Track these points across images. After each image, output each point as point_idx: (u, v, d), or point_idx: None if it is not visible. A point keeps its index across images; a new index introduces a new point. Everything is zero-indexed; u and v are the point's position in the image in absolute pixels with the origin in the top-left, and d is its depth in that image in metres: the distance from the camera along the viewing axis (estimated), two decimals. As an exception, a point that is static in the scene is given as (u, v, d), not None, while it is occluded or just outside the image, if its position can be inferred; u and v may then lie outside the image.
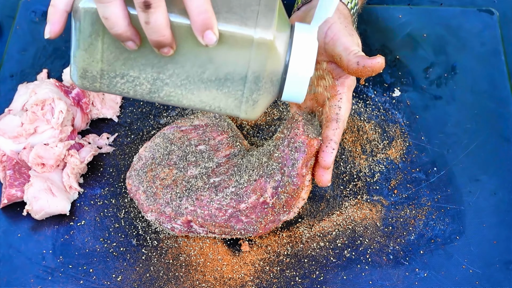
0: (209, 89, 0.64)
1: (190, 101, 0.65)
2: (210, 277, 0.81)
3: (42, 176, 0.87)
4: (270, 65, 0.63)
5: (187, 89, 0.64)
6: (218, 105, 0.65)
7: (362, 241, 0.84)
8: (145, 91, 0.65)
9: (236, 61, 0.62)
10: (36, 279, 0.81)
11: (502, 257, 0.83)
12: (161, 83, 0.64)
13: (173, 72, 0.64)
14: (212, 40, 0.60)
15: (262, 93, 0.64)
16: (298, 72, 0.63)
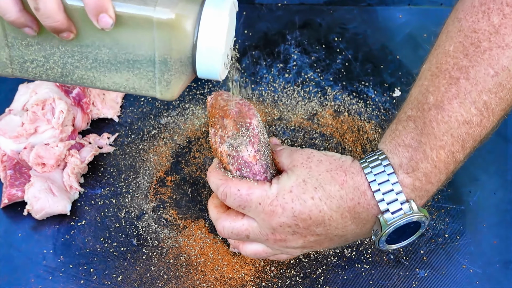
0: (120, 71, 0.62)
1: (103, 83, 0.64)
2: (211, 276, 0.81)
3: (42, 176, 0.87)
4: (176, 45, 0.60)
5: (98, 71, 0.63)
6: (133, 86, 0.63)
7: (362, 241, 0.84)
8: (57, 75, 0.64)
9: (140, 42, 0.60)
10: (36, 278, 0.81)
11: (502, 257, 0.83)
12: (71, 66, 0.63)
13: (81, 55, 0.62)
14: (108, 23, 0.58)
15: (174, 73, 0.62)
16: (208, 49, 0.60)
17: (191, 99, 0.97)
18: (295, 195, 0.67)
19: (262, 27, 1.05)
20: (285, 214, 0.67)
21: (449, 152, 0.66)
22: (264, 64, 1.00)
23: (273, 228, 0.68)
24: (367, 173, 0.66)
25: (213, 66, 0.61)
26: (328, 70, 1.00)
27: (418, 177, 0.66)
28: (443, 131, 0.65)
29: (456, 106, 0.65)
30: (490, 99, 0.65)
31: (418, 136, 0.66)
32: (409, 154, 0.66)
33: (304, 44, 1.02)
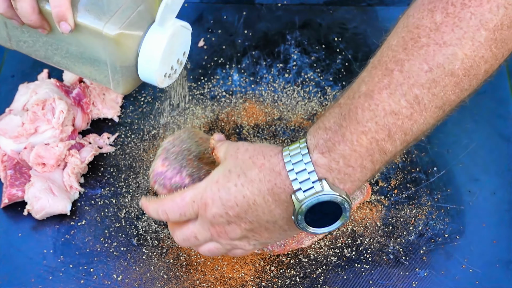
0: (85, 64, 0.76)
1: (74, 70, 0.78)
2: (211, 276, 0.81)
3: (42, 176, 0.87)
4: (121, 56, 0.72)
5: (70, 61, 0.77)
6: (95, 78, 0.77)
7: (362, 241, 0.84)
8: (42, 56, 0.79)
9: (96, 47, 0.73)
10: (37, 278, 0.81)
11: (502, 257, 0.83)
12: (51, 53, 0.77)
13: (56, 47, 0.76)
14: (66, 29, 0.71)
15: (122, 76, 0.74)
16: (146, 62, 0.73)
17: (191, 99, 0.97)
18: (220, 184, 0.69)
19: (262, 27, 1.05)
20: (215, 204, 0.69)
21: (372, 139, 0.66)
22: (264, 64, 1.00)
23: (210, 221, 0.71)
24: (284, 155, 0.68)
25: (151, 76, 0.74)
26: (328, 70, 1.00)
27: (334, 158, 0.66)
28: (367, 118, 0.66)
29: (385, 96, 0.66)
30: (422, 93, 0.66)
31: (339, 120, 0.67)
32: (327, 136, 0.67)
33: (304, 44, 1.02)
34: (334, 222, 0.68)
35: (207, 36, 1.04)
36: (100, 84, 0.80)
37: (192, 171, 0.75)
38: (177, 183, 0.75)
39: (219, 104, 0.96)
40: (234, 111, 0.96)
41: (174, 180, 0.75)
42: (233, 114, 0.95)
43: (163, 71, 0.74)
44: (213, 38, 1.03)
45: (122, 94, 0.80)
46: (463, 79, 0.66)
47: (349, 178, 0.67)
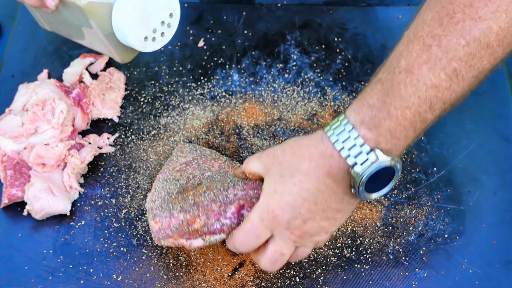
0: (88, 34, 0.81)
1: (80, 40, 0.85)
2: (211, 276, 0.81)
3: (42, 176, 0.87)
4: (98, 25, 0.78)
5: (75, 32, 0.83)
6: (94, 46, 0.83)
7: (362, 241, 0.84)
8: (66, 34, 0.87)
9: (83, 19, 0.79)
10: (36, 278, 0.81)
11: (502, 257, 0.83)
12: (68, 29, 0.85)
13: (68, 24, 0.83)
14: (51, 5, 0.79)
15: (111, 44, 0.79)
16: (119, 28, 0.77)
17: (191, 100, 0.97)
18: (280, 191, 0.71)
19: (262, 27, 1.05)
20: (285, 211, 0.71)
21: (415, 112, 0.70)
22: (264, 64, 1.00)
23: (287, 229, 0.72)
24: (329, 136, 0.70)
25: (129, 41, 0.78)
26: (328, 70, 1.00)
27: (381, 133, 0.70)
28: (410, 93, 0.69)
29: (425, 71, 0.69)
30: (460, 66, 0.69)
31: (383, 97, 0.70)
32: (372, 113, 0.70)
33: (304, 44, 1.02)
34: (388, 183, 0.73)
35: (207, 36, 1.04)
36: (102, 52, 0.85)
37: (181, 206, 0.76)
38: (175, 225, 0.75)
39: (219, 104, 0.96)
40: (234, 111, 0.96)
41: (172, 225, 0.76)
42: (233, 114, 0.95)
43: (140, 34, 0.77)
44: (213, 38, 1.03)
45: (122, 62, 0.84)
46: (497, 49, 0.70)
47: (395, 147, 0.71)
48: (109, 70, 0.99)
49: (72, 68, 0.99)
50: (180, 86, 0.98)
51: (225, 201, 0.76)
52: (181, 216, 0.76)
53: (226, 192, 0.76)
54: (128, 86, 0.99)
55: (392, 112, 0.69)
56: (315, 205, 0.71)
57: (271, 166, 0.73)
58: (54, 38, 1.03)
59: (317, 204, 0.71)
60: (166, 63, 1.01)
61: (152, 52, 1.02)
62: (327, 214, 0.73)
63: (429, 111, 0.71)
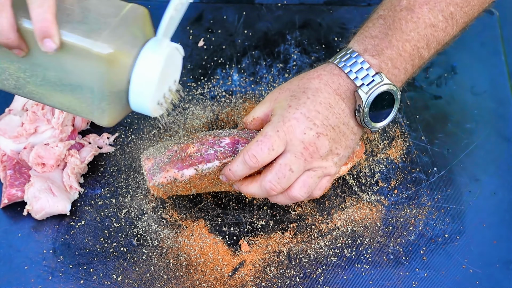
0: (64, 93, 0.66)
1: (50, 101, 0.68)
2: (211, 277, 0.81)
3: (42, 176, 0.87)
4: (112, 78, 0.64)
5: (46, 89, 0.67)
6: (74, 109, 0.68)
7: (362, 241, 0.84)
8: (11, 86, 0.69)
9: (81, 70, 0.64)
10: (36, 278, 0.81)
11: (502, 257, 0.83)
12: (23, 81, 0.67)
13: (31, 73, 0.66)
14: (51, 48, 0.62)
15: (109, 103, 0.66)
16: (139, 87, 0.65)
17: (191, 99, 0.97)
18: (294, 105, 0.74)
19: (262, 27, 1.05)
20: (300, 120, 0.74)
21: (414, 46, 0.77)
22: (264, 64, 1.00)
23: (301, 141, 0.74)
24: (335, 62, 0.76)
25: (144, 103, 0.66)
26: (328, 70, 1.00)
27: (384, 60, 0.76)
28: (410, 28, 0.77)
29: (425, 11, 0.77)
30: (456, 11, 0.78)
31: (385, 29, 0.77)
32: (374, 42, 0.77)
33: (304, 44, 1.02)
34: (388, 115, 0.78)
35: (207, 36, 1.04)
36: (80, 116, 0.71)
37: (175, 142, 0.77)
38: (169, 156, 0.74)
39: (219, 104, 0.96)
40: (234, 111, 0.96)
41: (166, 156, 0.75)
42: (233, 114, 0.95)
43: (157, 97, 0.67)
44: (213, 38, 1.03)
45: (105, 126, 0.69)
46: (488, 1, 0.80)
47: (395, 78, 0.77)
48: (109, 70, 0.99)
49: (72, 68, 0.98)
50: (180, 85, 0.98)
51: (219, 135, 0.77)
52: (175, 147, 0.76)
53: (220, 131, 0.78)
54: (128, 86, 0.99)
55: (393, 42, 0.76)
56: (327, 119, 0.74)
57: (278, 95, 0.77)
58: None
59: (328, 118, 0.75)
60: (166, 63, 1.01)
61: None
62: (337, 134, 0.75)
63: (426, 48, 0.78)
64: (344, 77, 0.76)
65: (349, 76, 0.75)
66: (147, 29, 0.67)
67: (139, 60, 0.65)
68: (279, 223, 0.86)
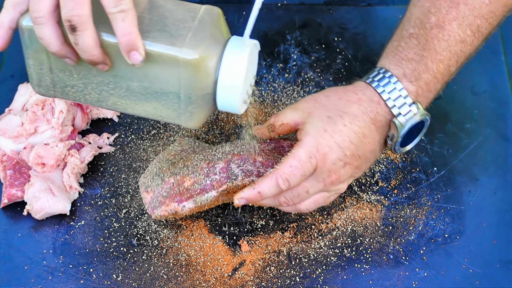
0: (149, 101, 0.67)
1: (134, 110, 0.69)
2: (211, 276, 0.81)
3: (42, 176, 0.87)
4: (199, 82, 0.65)
5: (130, 100, 0.68)
6: (160, 115, 0.68)
7: (362, 241, 0.84)
8: (94, 100, 0.69)
9: (167, 78, 0.65)
10: (36, 278, 0.81)
11: (502, 257, 0.83)
12: (106, 93, 0.68)
13: (115, 85, 0.67)
14: (138, 60, 0.63)
15: (196, 106, 0.66)
16: (227, 87, 0.66)
17: (191, 99, 0.97)
18: (330, 130, 0.73)
19: (262, 27, 1.05)
20: (333, 150, 0.73)
21: (446, 65, 0.77)
22: (264, 64, 1.00)
23: (328, 170, 0.74)
24: (375, 86, 0.75)
25: (232, 102, 0.67)
26: (328, 70, 1.00)
27: (420, 86, 0.76)
28: (442, 48, 0.76)
29: (455, 27, 0.76)
30: (482, 23, 0.77)
31: (420, 51, 0.76)
32: (412, 66, 0.75)
33: (304, 44, 1.02)
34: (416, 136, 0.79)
35: (207, 36, 1.04)
36: (166, 121, 0.71)
37: (171, 171, 0.76)
38: (166, 189, 0.76)
39: (219, 104, 0.96)
40: (234, 111, 0.96)
41: (164, 189, 0.76)
42: (232, 114, 0.95)
43: (243, 95, 0.68)
44: (213, 38, 1.03)
45: (194, 128, 0.71)
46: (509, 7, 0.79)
47: (427, 100, 0.78)
48: (109, 70, 0.99)
49: (72, 68, 0.98)
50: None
51: (213, 159, 0.77)
52: (171, 180, 0.76)
53: (214, 152, 0.78)
54: (128, 86, 0.99)
55: (429, 65, 0.75)
56: (356, 149, 0.74)
57: (313, 109, 0.75)
58: (54, 38, 1.03)
59: (358, 148, 0.74)
60: (166, 63, 1.01)
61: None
62: (360, 162, 0.76)
63: (455, 65, 0.78)
64: (383, 105, 0.75)
65: (387, 104, 0.75)
66: (223, 28, 0.68)
67: (224, 61, 0.65)
68: (279, 223, 0.86)
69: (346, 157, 0.74)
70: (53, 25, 0.62)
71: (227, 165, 0.76)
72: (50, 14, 0.62)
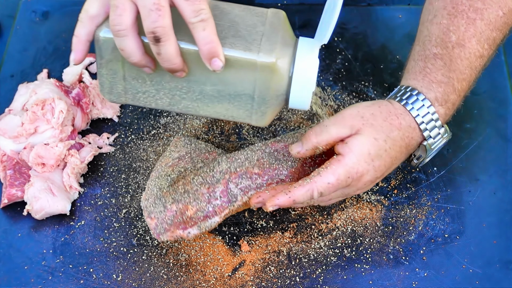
0: (221, 102, 0.70)
1: (206, 112, 0.72)
2: (211, 276, 0.81)
3: (42, 176, 0.87)
4: (274, 84, 0.68)
5: (202, 102, 0.70)
6: (231, 115, 0.71)
7: (362, 241, 0.84)
8: (165, 104, 0.72)
9: (243, 81, 0.68)
10: (36, 278, 0.81)
11: (502, 257, 0.83)
12: (178, 98, 0.71)
13: (188, 90, 0.70)
14: (219, 66, 0.66)
15: (269, 106, 0.70)
16: (301, 87, 0.69)
17: (191, 99, 0.97)
18: (373, 155, 0.74)
19: (262, 27, 1.04)
20: (369, 173, 0.75)
21: (468, 82, 0.80)
22: (264, 64, 1.00)
23: (357, 188, 0.76)
24: (409, 109, 0.77)
25: (305, 100, 0.70)
26: (328, 70, 1.00)
27: (449, 107, 0.79)
28: (465, 66, 0.78)
29: (474, 44, 0.78)
30: (497, 35, 0.80)
31: (447, 72, 0.78)
32: (442, 89, 0.78)
33: (304, 44, 1.02)
34: None
35: (207, 36, 1.03)
36: (237, 121, 0.74)
37: (172, 197, 0.77)
38: (170, 217, 0.76)
39: (219, 104, 0.96)
40: (234, 111, 0.96)
41: (167, 217, 0.77)
42: (233, 114, 0.95)
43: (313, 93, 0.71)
44: (213, 38, 1.03)
45: (263, 126, 0.73)
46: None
47: (449, 117, 0.80)
48: (109, 70, 0.99)
49: (71, 68, 0.98)
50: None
51: (212, 181, 0.77)
52: (174, 207, 0.76)
53: (212, 172, 0.77)
54: (128, 86, 0.99)
55: (455, 86, 0.78)
56: (386, 169, 0.77)
57: (362, 126, 0.75)
58: (54, 38, 1.03)
59: (388, 169, 0.77)
60: (166, 63, 1.01)
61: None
62: (384, 174, 0.78)
63: (475, 79, 0.81)
64: (417, 130, 0.77)
65: (421, 130, 0.77)
66: (289, 30, 0.71)
67: (297, 62, 0.68)
68: (279, 223, 0.86)
69: (377, 178, 0.77)
70: (135, 36, 0.65)
71: (226, 187, 0.77)
72: (131, 26, 0.64)
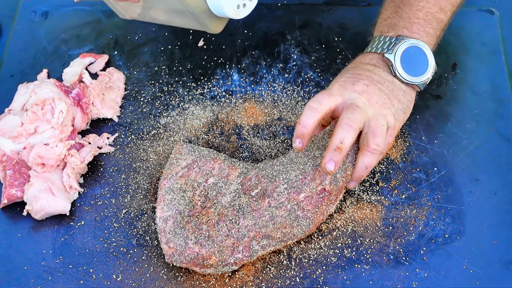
0: (179, 16, 0.85)
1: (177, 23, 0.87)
2: (211, 276, 0.81)
3: (42, 176, 0.87)
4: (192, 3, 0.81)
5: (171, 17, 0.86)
6: (189, 25, 0.86)
7: (362, 241, 0.84)
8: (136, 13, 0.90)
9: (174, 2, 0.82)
10: (36, 279, 0.81)
11: (502, 257, 0.83)
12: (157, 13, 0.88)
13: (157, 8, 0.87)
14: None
15: (205, 18, 0.83)
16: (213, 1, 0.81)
17: (190, 99, 0.97)
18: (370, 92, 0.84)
19: (262, 27, 1.04)
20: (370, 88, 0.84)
21: (427, 12, 0.87)
22: (264, 64, 1.00)
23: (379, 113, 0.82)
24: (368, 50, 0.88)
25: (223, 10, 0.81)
26: (328, 70, 1.00)
27: (398, 31, 0.87)
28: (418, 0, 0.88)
29: None
30: None
31: (395, 8, 0.88)
32: (387, 22, 0.88)
33: (304, 44, 1.02)
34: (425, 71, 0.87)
35: (207, 36, 1.04)
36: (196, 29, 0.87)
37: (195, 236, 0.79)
38: (190, 255, 0.78)
39: (219, 104, 0.96)
40: (234, 111, 0.96)
41: (187, 254, 0.78)
42: (233, 114, 0.95)
43: (233, 4, 0.81)
44: (213, 38, 1.03)
45: (215, 33, 0.86)
46: None
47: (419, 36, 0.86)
48: (108, 70, 0.99)
49: (71, 68, 0.99)
50: (180, 86, 0.98)
51: (237, 236, 0.79)
52: (196, 249, 0.78)
53: (238, 226, 0.79)
54: (128, 86, 0.99)
55: (403, 15, 0.87)
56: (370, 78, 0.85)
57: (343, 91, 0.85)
58: (54, 38, 1.03)
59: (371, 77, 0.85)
60: (166, 63, 1.01)
61: (152, 52, 1.02)
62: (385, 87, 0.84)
63: (441, 12, 0.88)
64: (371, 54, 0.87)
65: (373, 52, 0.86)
66: None
67: None
68: (279, 223, 0.85)
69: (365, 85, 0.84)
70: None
71: (249, 244, 0.79)
72: None
